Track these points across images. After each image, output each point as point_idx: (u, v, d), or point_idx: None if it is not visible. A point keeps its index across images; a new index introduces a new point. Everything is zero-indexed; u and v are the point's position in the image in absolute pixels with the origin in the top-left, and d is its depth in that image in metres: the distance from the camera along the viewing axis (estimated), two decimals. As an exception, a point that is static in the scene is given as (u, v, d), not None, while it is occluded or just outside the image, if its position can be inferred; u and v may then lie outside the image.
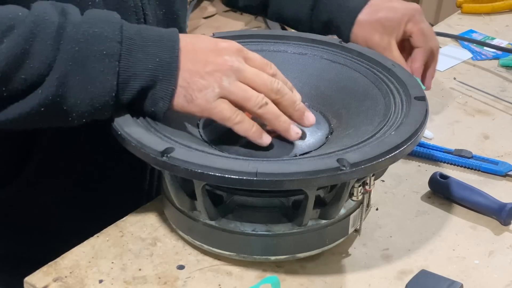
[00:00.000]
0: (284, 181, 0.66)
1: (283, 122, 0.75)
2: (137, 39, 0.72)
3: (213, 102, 0.72)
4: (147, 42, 0.73)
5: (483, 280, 0.75)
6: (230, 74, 0.73)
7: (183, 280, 0.73)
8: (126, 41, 0.72)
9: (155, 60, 0.72)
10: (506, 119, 1.06)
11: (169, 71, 0.72)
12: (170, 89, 0.72)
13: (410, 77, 0.84)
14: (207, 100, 0.72)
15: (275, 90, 0.74)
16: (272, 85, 0.74)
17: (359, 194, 0.74)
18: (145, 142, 0.70)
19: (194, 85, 0.72)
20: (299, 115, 0.77)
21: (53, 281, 0.72)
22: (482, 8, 1.43)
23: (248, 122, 0.74)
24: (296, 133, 0.76)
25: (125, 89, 0.72)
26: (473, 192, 0.86)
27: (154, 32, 0.74)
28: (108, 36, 0.71)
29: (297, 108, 0.76)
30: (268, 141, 0.75)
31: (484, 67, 1.22)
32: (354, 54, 0.90)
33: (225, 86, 0.72)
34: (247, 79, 0.73)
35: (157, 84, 0.72)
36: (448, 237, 0.82)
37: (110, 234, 0.79)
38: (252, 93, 0.73)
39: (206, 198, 0.72)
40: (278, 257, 0.75)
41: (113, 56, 0.71)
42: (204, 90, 0.72)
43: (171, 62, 0.72)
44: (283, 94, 0.75)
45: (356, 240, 0.80)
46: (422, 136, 0.75)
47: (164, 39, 0.73)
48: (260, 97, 0.73)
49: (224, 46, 0.74)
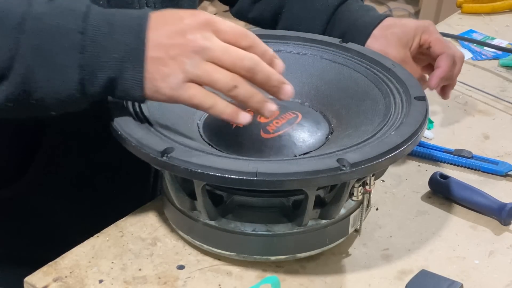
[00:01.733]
0: (284, 181, 0.66)
1: (255, 102, 0.70)
2: (104, 26, 0.68)
3: (179, 89, 0.68)
4: (115, 28, 0.68)
5: (483, 280, 0.75)
6: (193, 56, 0.67)
7: (183, 280, 0.73)
8: (90, 30, 0.68)
9: (121, 48, 0.68)
10: (506, 119, 1.06)
11: (136, 60, 0.68)
12: (138, 79, 0.68)
13: (410, 77, 0.84)
14: (172, 87, 0.68)
15: (246, 68, 0.68)
16: (242, 63, 0.68)
17: (359, 194, 0.74)
18: (145, 142, 0.70)
19: (157, 74, 0.68)
20: (274, 91, 0.71)
21: (53, 281, 0.72)
22: (482, 8, 1.43)
23: (221, 104, 0.69)
24: (269, 111, 0.71)
25: (92, 81, 0.68)
26: (473, 192, 0.86)
27: (124, 16, 0.70)
28: (69, 27, 0.67)
29: (272, 84, 0.70)
30: (247, 119, 0.70)
31: (484, 67, 1.22)
32: (354, 54, 0.90)
33: (188, 70, 0.67)
34: (214, 58, 0.68)
35: (124, 74, 0.68)
36: (448, 237, 0.82)
37: (110, 234, 0.79)
38: (218, 75, 0.68)
39: (206, 198, 0.72)
40: (278, 257, 0.75)
41: (75, 48, 0.67)
42: (167, 78, 0.68)
43: (137, 49, 0.68)
44: (255, 72, 0.69)
45: (356, 240, 0.80)
46: (422, 136, 0.75)
47: (132, 23, 0.69)
48: (228, 78, 0.68)
49: (188, 23, 0.68)
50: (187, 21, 0.68)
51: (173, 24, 0.69)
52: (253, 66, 0.69)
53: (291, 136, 0.78)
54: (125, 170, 0.91)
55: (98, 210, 0.90)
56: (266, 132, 0.78)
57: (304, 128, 0.80)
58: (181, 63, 0.68)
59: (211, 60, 0.68)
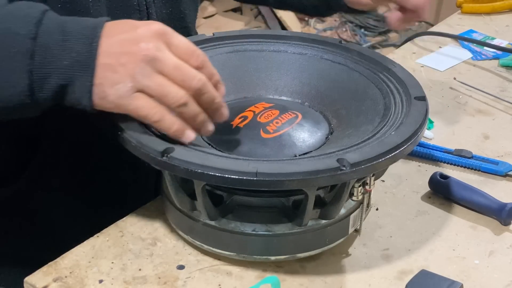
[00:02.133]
0: (284, 181, 0.66)
1: (199, 121, 0.70)
2: (57, 33, 0.67)
3: (127, 98, 0.67)
4: (67, 36, 0.67)
5: (483, 280, 0.75)
6: (143, 65, 0.66)
7: (183, 280, 0.73)
8: (42, 36, 0.66)
9: (72, 56, 0.66)
10: (506, 119, 1.06)
11: (86, 67, 0.66)
12: (88, 86, 0.67)
13: (410, 77, 0.84)
14: (120, 96, 0.67)
15: (195, 88, 0.68)
16: (191, 83, 0.67)
17: (359, 194, 0.74)
18: (145, 142, 0.70)
19: (106, 80, 0.66)
20: (213, 113, 0.71)
21: (53, 281, 0.72)
22: (482, 8, 1.43)
23: (169, 120, 0.68)
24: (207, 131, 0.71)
25: (42, 88, 0.67)
26: (473, 192, 0.86)
27: (79, 24, 0.68)
28: (19, 33, 0.66)
29: (213, 106, 0.70)
30: (191, 137, 0.70)
31: (484, 67, 1.22)
32: (354, 54, 0.90)
33: (139, 80, 0.66)
34: (164, 71, 0.67)
35: (75, 82, 0.67)
36: (448, 237, 0.82)
37: (110, 234, 0.79)
38: (169, 89, 0.67)
39: (206, 198, 0.72)
40: (278, 257, 0.75)
41: (25, 53, 0.66)
42: (116, 85, 0.66)
43: (89, 56, 0.66)
44: (202, 93, 0.68)
45: (356, 240, 0.80)
46: (422, 136, 0.75)
47: (85, 31, 0.67)
48: (179, 94, 0.67)
49: (142, 32, 0.67)
50: (140, 30, 0.68)
51: (127, 32, 0.68)
52: (201, 87, 0.68)
53: (291, 136, 0.78)
54: (126, 170, 0.91)
55: (98, 210, 0.90)
56: (266, 132, 0.78)
57: (304, 128, 0.80)
58: (131, 71, 0.66)
59: (161, 73, 0.67)
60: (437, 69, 1.20)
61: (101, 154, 0.90)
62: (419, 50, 1.27)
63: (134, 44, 0.66)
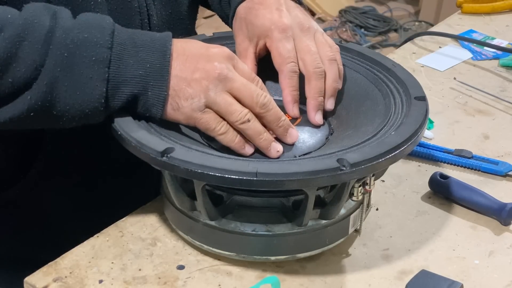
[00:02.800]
0: (284, 181, 0.66)
1: (263, 140, 0.74)
2: (129, 44, 0.71)
3: (198, 112, 0.72)
4: (139, 47, 0.72)
5: (483, 280, 0.75)
6: (217, 83, 0.71)
7: (183, 280, 0.73)
8: (116, 46, 0.71)
9: (146, 66, 0.71)
10: (506, 119, 1.06)
11: (160, 77, 0.71)
12: (162, 96, 0.72)
13: (410, 77, 0.84)
14: (193, 109, 0.72)
15: (261, 104, 0.73)
16: (258, 98, 0.73)
17: (359, 194, 0.74)
18: (145, 142, 0.70)
19: (181, 93, 0.71)
20: (281, 132, 0.76)
21: (53, 281, 0.72)
22: (482, 8, 1.43)
23: (232, 134, 0.73)
24: (276, 151, 0.75)
25: (115, 96, 0.71)
26: (473, 192, 0.86)
27: (147, 37, 0.73)
28: (98, 42, 0.70)
29: (280, 124, 0.75)
30: (250, 151, 0.75)
31: (484, 67, 1.22)
32: (354, 54, 0.90)
33: (211, 96, 0.71)
34: (234, 89, 0.72)
35: (148, 91, 0.71)
36: (448, 237, 0.82)
37: (110, 234, 0.79)
38: (236, 107, 0.72)
39: (206, 198, 0.72)
40: (278, 257, 0.75)
41: (102, 62, 0.70)
42: (190, 99, 0.71)
43: (162, 68, 0.71)
44: (268, 109, 0.74)
45: (356, 240, 0.80)
46: (422, 136, 0.75)
47: (156, 44, 0.72)
48: (243, 113, 0.72)
49: (215, 52, 0.73)
50: (214, 50, 0.73)
51: (200, 50, 0.73)
52: (267, 104, 0.73)
53: (291, 136, 0.78)
54: (126, 171, 0.91)
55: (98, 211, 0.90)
56: (266, 132, 0.78)
57: (304, 129, 0.80)
58: (205, 88, 0.71)
59: (231, 91, 0.72)
60: (437, 69, 1.20)
61: (101, 155, 0.90)
62: (419, 50, 1.27)
63: (209, 62, 0.72)
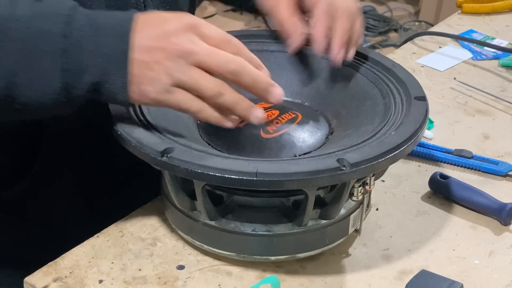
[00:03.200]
0: (284, 181, 0.66)
1: (240, 109, 0.70)
2: (88, 30, 0.67)
3: (166, 94, 0.68)
4: (100, 31, 0.67)
5: (483, 280, 0.75)
6: (178, 60, 0.67)
7: (183, 280, 0.73)
8: (74, 33, 0.66)
9: (104, 52, 0.67)
10: (506, 119, 1.06)
11: (119, 64, 0.67)
12: (122, 83, 0.67)
13: (410, 77, 0.84)
14: (159, 92, 0.68)
15: (232, 70, 0.68)
16: (228, 65, 0.68)
17: (359, 194, 0.74)
18: (145, 142, 0.70)
19: (143, 78, 0.67)
20: (262, 94, 0.71)
21: (53, 281, 0.72)
22: (482, 8, 1.43)
23: (208, 110, 0.69)
24: (255, 117, 0.70)
25: (76, 85, 0.67)
26: (473, 192, 0.86)
27: (109, 19, 0.68)
28: (51, 31, 0.66)
29: (260, 86, 0.70)
30: (235, 123, 0.71)
31: (484, 67, 1.22)
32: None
33: (174, 75, 0.67)
34: (199, 61, 0.67)
35: (109, 78, 0.67)
36: (448, 237, 0.82)
37: (110, 234, 0.79)
38: (203, 82, 0.67)
39: (206, 198, 0.72)
40: (278, 257, 0.75)
41: (57, 52, 0.66)
42: (153, 82, 0.67)
43: (121, 52, 0.67)
44: (242, 74, 0.68)
45: (356, 240, 0.80)
46: (422, 136, 0.75)
47: (117, 27, 0.67)
48: (213, 87, 0.68)
49: (173, 25, 0.67)
50: (172, 23, 0.68)
51: (158, 26, 0.68)
52: (239, 69, 0.68)
53: (291, 136, 0.78)
54: (126, 171, 0.91)
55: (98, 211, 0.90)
56: (266, 132, 0.78)
57: (304, 128, 0.80)
58: (167, 68, 0.67)
59: (196, 64, 0.67)
60: (437, 69, 1.20)
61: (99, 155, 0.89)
62: (419, 50, 1.27)
63: (166, 39, 0.67)
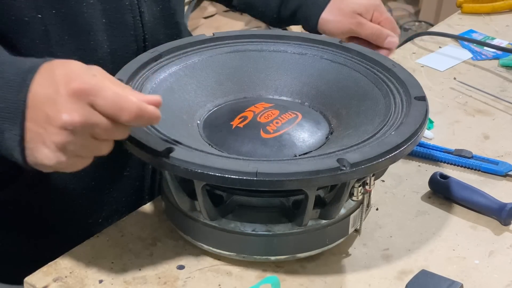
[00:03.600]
0: (284, 181, 0.66)
1: None
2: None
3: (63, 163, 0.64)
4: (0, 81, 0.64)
5: (483, 280, 0.75)
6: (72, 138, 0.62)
7: (183, 280, 0.73)
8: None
9: (0, 105, 0.63)
10: (506, 119, 1.06)
11: (14, 119, 0.63)
12: (17, 139, 0.63)
13: (410, 77, 0.85)
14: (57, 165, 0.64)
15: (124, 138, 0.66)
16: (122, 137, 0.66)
17: (359, 194, 0.74)
18: (145, 142, 0.70)
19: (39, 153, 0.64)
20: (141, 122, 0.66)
21: (53, 281, 0.72)
22: (482, 8, 1.43)
23: None
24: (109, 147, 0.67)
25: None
26: (473, 192, 0.86)
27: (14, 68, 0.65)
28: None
29: None
30: None
31: (484, 67, 1.22)
32: (354, 54, 0.90)
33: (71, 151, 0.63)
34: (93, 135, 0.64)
35: (4, 132, 0.64)
36: (448, 237, 0.82)
37: (110, 234, 0.79)
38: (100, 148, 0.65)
39: (206, 198, 0.72)
40: (278, 257, 0.75)
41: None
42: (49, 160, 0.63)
43: (16, 107, 0.63)
44: None
45: (356, 240, 0.80)
46: (422, 136, 0.75)
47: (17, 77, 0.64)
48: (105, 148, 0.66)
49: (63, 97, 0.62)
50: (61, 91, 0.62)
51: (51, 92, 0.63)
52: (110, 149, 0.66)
53: (291, 136, 0.78)
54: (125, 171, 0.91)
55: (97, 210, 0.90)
56: (266, 132, 0.78)
57: (304, 128, 0.80)
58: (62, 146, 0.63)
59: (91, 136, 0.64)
60: (437, 69, 1.20)
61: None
62: (419, 50, 1.27)
63: (57, 114, 0.62)
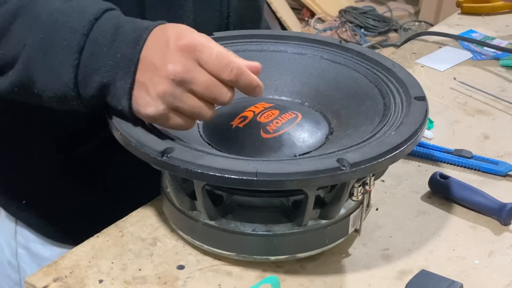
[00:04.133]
0: (284, 181, 0.66)
1: None
2: (109, 32, 0.69)
3: (161, 118, 0.69)
4: (118, 36, 0.69)
5: (483, 280, 0.75)
6: (174, 87, 0.67)
7: (183, 280, 0.73)
8: (94, 33, 0.69)
9: (117, 56, 0.68)
10: (506, 119, 1.06)
11: (127, 69, 0.68)
12: (127, 88, 0.69)
13: (410, 77, 0.85)
14: (153, 117, 0.69)
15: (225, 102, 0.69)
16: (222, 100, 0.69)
17: (359, 194, 0.74)
18: (145, 142, 0.70)
19: (140, 100, 0.69)
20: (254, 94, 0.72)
21: (53, 281, 0.72)
22: (482, 8, 1.43)
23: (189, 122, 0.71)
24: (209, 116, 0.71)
25: (86, 83, 0.69)
26: (473, 192, 0.86)
27: (132, 26, 0.70)
28: (73, 27, 0.68)
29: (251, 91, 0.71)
30: None
31: (484, 67, 1.22)
32: (354, 54, 0.90)
33: (170, 102, 0.68)
34: (195, 92, 0.68)
35: (116, 82, 0.69)
36: (448, 237, 0.82)
37: (110, 234, 0.79)
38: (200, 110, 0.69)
39: (206, 198, 0.72)
40: (278, 257, 0.75)
41: (74, 48, 0.68)
42: (149, 107, 0.69)
43: (131, 59, 0.68)
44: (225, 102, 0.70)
45: (356, 240, 0.80)
46: (422, 136, 0.75)
47: (135, 33, 0.69)
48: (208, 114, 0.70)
49: (171, 50, 0.67)
50: (170, 47, 0.67)
51: (162, 46, 0.68)
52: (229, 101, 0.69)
53: (291, 136, 0.78)
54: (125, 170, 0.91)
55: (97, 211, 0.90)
56: (266, 132, 0.78)
57: (304, 128, 0.80)
58: (162, 94, 0.67)
59: (192, 93, 0.68)
60: (437, 69, 1.20)
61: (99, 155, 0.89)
62: (419, 50, 1.27)
63: (164, 65, 0.67)
